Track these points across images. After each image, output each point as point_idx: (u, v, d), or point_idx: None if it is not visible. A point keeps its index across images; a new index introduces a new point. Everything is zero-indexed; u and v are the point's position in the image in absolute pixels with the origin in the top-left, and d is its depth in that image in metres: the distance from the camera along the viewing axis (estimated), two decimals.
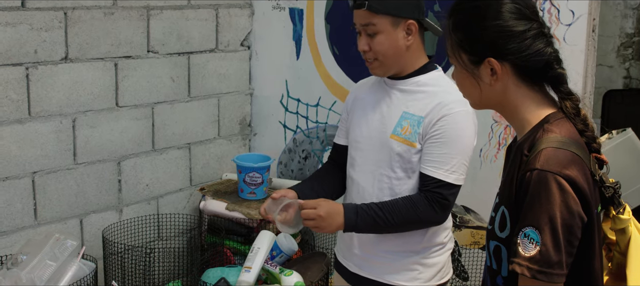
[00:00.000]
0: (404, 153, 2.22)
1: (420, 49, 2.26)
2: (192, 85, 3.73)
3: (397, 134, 2.23)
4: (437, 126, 2.16)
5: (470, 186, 3.30)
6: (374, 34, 2.20)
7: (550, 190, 1.44)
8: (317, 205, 2.16)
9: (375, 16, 2.18)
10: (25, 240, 3.02)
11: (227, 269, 3.16)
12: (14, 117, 3.00)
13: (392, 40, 2.19)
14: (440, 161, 2.16)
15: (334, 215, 2.15)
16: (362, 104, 2.37)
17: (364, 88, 2.42)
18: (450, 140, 2.15)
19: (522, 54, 1.55)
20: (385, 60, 2.23)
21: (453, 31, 1.62)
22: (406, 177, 2.24)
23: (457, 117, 2.16)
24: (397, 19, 2.18)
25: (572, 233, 1.46)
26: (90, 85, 3.26)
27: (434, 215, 2.18)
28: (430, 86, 2.23)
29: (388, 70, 2.27)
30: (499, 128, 3.19)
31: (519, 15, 1.56)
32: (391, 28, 2.18)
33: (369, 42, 2.22)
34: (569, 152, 1.49)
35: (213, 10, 3.77)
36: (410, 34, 2.20)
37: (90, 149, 3.30)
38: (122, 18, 3.33)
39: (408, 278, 2.29)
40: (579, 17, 2.90)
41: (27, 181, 3.08)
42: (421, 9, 2.23)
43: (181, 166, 3.75)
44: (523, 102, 1.61)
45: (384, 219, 2.16)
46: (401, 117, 2.23)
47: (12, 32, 2.94)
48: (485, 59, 1.57)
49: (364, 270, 2.35)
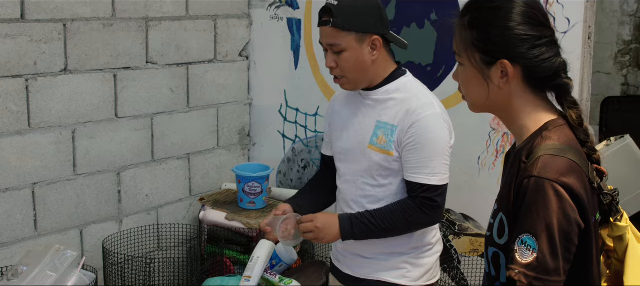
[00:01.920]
0: (383, 162, 2.28)
1: (387, 60, 2.31)
2: (191, 96, 3.74)
3: (373, 144, 2.28)
4: (410, 133, 2.21)
5: (468, 194, 3.31)
6: (340, 51, 2.24)
7: (548, 197, 1.45)
8: (314, 218, 2.27)
9: (340, 33, 2.22)
10: (25, 251, 3.03)
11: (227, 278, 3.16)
12: (14, 128, 3.01)
13: (358, 56, 2.24)
14: (420, 166, 2.21)
15: (330, 226, 2.26)
16: (340, 117, 2.43)
17: (340, 101, 2.47)
18: (425, 144, 2.20)
19: (536, 59, 1.55)
20: (352, 76, 2.28)
21: (468, 29, 1.60)
22: (387, 183, 2.30)
23: (427, 121, 2.20)
24: (362, 35, 2.23)
25: (569, 240, 1.46)
26: (90, 97, 3.27)
27: (425, 217, 2.25)
28: (400, 93, 2.28)
29: (357, 85, 2.32)
30: (497, 136, 3.20)
31: (536, 21, 1.57)
32: (356, 44, 2.23)
33: (335, 59, 2.26)
34: (566, 159, 1.49)
35: (211, 21, 3.79)
36: (375, 49, 2.25)
37: (90, 160, 3.31)
38: (121, 29, 3.35)
39: (397, 275, 2.34)
40: (575, 24, 2.92)
41: (27, 192, 3.09)
42: (385, 23, 2.28)
43: (181, 176, 3.76)
44: (525, 108, 1.61)
45: (377, 226, 2.24)
46: (376, 127, 2.29)
47: (12, 44, 2.96)
48: (498, 60, 1.57)
49: (354, 269, 2.40)
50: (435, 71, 3.36)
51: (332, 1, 2.23)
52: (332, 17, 2.21)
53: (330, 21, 2.22)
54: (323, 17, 2.24)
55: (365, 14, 2.23)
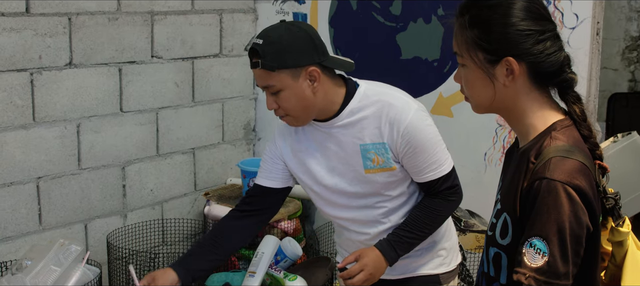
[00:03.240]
0: (388, 178, 2.20)
1: (334, 84, 2.16)
2: (196, 90, 3.73)
3: (370, 168, 2.18)
4: (404, 143, 2.12)
5: (474, 190, 3.30)
6: (277, 91, 2.09)
7: (560, 200, 1.42)
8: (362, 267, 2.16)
9: (271, 74, 2.06)
10: (29, 246, 3.03)
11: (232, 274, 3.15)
12: (19, 122, 3.01)
13: (297, 92, 2.08)
14: (427, 165, 2.16)
15: (376, 260, 2.17)
16: (303, 154, 2.27)
17: (292, 137, 2.30)
18: (422, 146, 2.13)
19: (541, 54, 1.52)
20: (297, 113, 2.14)
21: (469, 28, 1.56)
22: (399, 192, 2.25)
23: (414, 123, 2.11)
24: (296, 71, 2.06)
25: (579, 244, 1.44)
26: (95, 91, 3.26)
27: (453, 203, 2.26)
28: (368, 108, 2.15)
29: (306, 120, 2.18)
30: (503, 132, 3.18)
31: (538, 15, 1.54)
32: (292, 81, 2.07)
33: (275, 100, 2.11)
34: (577, 161, 1.47)
35: (217, 15, 3.78)
36: (314, 81, 2.09)
37: (94, 154, 3.30)
38: (126, 23, 3.34)
39: (435, 265, 2.33)
40: (583, 20, 2.90)
41: (31, 186, 3.09)
42: (319, 50, 2.10)
43: (185, 171, 3.75)
44: (531, 107, 1.58)
45: (417, 236, 2.21)
46: (362, 151, 2.17)
47: (17, 38, 2.95)
48: (503, 58, 1.54)
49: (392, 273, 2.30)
50: (442, 66, 3.35)
51: (257, 40, 2.08)
52: (260, 58, 2.04)
53: (258, 63, 2.05)
54: (252, 59, 2.07)
55: (294, 48, 2.06)
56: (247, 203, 2.38)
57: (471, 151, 3.30)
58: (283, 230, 3.47)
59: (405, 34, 3.45)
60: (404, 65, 3.46)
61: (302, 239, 3.60)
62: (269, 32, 2.10)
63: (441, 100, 3.37)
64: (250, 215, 2.37)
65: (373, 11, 3.52)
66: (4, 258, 3.01)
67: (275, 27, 2.13)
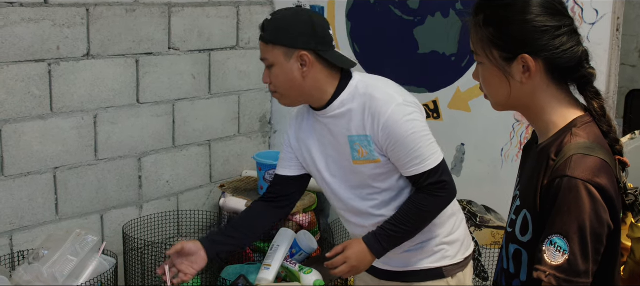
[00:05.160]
0: (374, 170, 2.23)
1: (328, 75, 2.22)
2: (213, 82, 3.74)
3: (357, 159, 2.24)
4: (385, 136, 2.15)
5: (491, 186, 3.29)
6: (270, 66, 2.21)
7: (581, 198, 1.41)
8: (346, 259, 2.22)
9: (267, 48, 2.20)
10: (46, 235, 3.05)
11: (247, 266, 3.16)
12: (36, 112, 3.02)
13: (286, 72, 2.19)
14: (410, 159, 2.17)
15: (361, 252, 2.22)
16: (308, 142, 2.36)
17: (299, 125, 2.40)
18: (403, 139, 2.14)
19: (557, 50, 1.51)
20: (284, 92, 2.24)
21: (484, 27, 1.56)
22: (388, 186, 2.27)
23: (394, 116, 2.14)
24: (289, 51, 2.17)
25: (600, 242, 1.43)
26: (112, 82, 3.27)
27: (441, 199, 2.23)
28: (356, 100, 2.21)
29: (293, 102, 2.29)
30: (521, 128, 3.16)
31: (554, 11, 1.53)
32: (284, 60, 2.18)
33: (269, 75, 2.23)
34: (598, 158, 1.46)
35: (234, 7, 3.77)
36: (305, 65, 2.17)
37: (111, 145, 3.32)
38: (143, 15, 3.35)
39: (436, 259, 2.33)
40: (603, 16, 2.87)
41: (48, 176, 3.10)
42: (319, 39, 2.19)
43: (201, 163, 3.76)
44: (550, 103, 1.56)
45: (402, 230, 2.22)
46: (350, 142, 2.23)
47: (35, 29, 2.96)
48: (518, 56, 1.53)
49: (392, 264, 2.37)
50: (460, 61, 3.33)
51: (269, 16, 2.23)
52: (263, 31, 2.21)
53: (261, 35, 2.21)
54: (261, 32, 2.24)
55: (294, 29, 2.18)
56: (270, 192, 2.48)
57: (488, 146, 3.29)
58: (298, 223, 3.47)
59: (422, 28, 3.43)
60: (422, 60, 3.45)
61: (317, 232, 3.61)
62: (279, 11, 2.28)
63: (459, 95, 3.36)
64: (274, 202, 2.46)
65: (390, 5, 3.51)
66: (21, 247, 3.03)
67: (287, 8, 2.30)
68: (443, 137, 3.36)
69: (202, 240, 2.35)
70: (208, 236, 2.42)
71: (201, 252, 2.32)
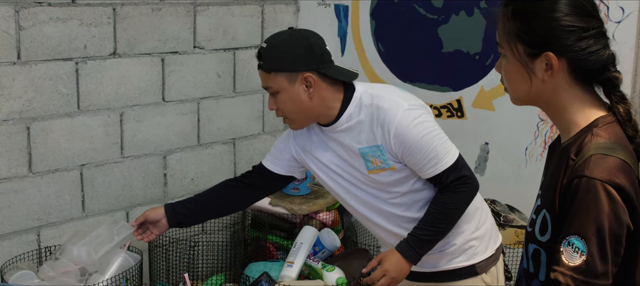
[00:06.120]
0: (390, 177, 2.25)
1: (333, 91, 2.24)
2: (238, 81, 3.76)
3: (372, 169, 2.25)
4: (397, 143, 2.16)
5: (514, 184, 3.27)
6: (275, 93, 2.23)
7: (599, 199, 1.40)
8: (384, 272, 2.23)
9: (269, 76, 2.21)
10: (73, 231, 3.09)
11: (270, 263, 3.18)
12: (64, 110, 3.06)
13: (293, 96, 2.21)
14: (427, 161, 2.18)
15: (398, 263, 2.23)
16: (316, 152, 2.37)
17: (308, 137, 2.40)
18: (416, 143, 2.15)
19: (582, 52, 1.49)
20: (294, 116, 2.27)
21: (511, 19, 1.55)
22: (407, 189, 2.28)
23: (402, 122, 2.15)
24: (292, 75, 2.19)
25: (618, 243, 1.42)
26: (138, 80, 3.31)
27: (465, 194, 2.23)
28: (362, 112, 2.22)
29: (304, 123, 2.31)
30: (545, 127, 3.15)
31: (583, 12, 1.51)
32: (288, 85, 2.20)
33: (275, 102, 2.26)
34: (618, 159, 1.44)
35: (259, 6, 3.79)
36: (310, 87, 2.20)
37: (136, 143, 3.35)
38: (169, 14, 3.38)
39: (467, 257, 2.33)
40: (629, 14, 2.85)
41: (75, 173, 3.14)
42: (319, 58, 2.21)
43: (226, 161, 3.78)
44: (572, 103, 1.55)
45: (434, 232, 2.22)
46: (362, 155, 2.24)
47: (63, 28, 3.00)
48: (542, 53, 1.52)
49: (427, 266, 2.37)
50: (484, 60, 3.32)
51: (263, 44, 2.24)
52: (261, 60, 2.22)
53: (260, 65, 2.23)
54: (258, 61, 2.25)
55: (292, 53, 2.19)
56: (246, 176, 2.54)
57: (512, 145, 3.27)
58: (321, 221, 3.48)
59: (446, 26, 3.42)
60: (446, 58, 3.44)
61: (340, 230, 3.61)
62: (273, 38, 2.27)
63: (482, 94, 3.35)
64: (244, 188, 2.52)
65: (415, 3, 3.50)
66: (48, 243, 3.08)
67: (280, 33, 2.29)
68: (467, 135, 3.36)
69: (166, 208, 2.50)
70: (173, 206, 2.53)
71: (163, 220, 2.50)
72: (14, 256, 2.93)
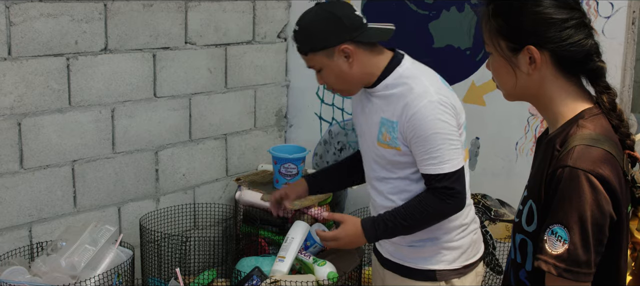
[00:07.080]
0: (392, 157, 2.28)
1: (373, 57, 2.28)
2: (229, 77, 3.76)
3: (381, 141, 2.29)
4: (410, 127, 2.19)
5: (505, 179, 3.29)
6: (319, 70, 2.30)
7: (582, 188, 1.42)
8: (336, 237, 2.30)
9: (308, 57, 2.28)
10: (64, 227, 3.09)
11: (262, 258, 3.19)
12: (55, 106, 3.06)
13: (335, 70, 2.26)
14: (428, 157, 2.19)
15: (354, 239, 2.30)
16: (356, 114, 2.46)
17: (356, 97, 2.47)
18: (426, 135, 2.17)
19: (563, 43, 1.52)
20: (341, 87, 2.34)
21: (492, 17, 1.59)
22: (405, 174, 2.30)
23: (423, 111, 2.16)
24: (329, 51, 2.23)
25: (601, 232, 1.44)
26: (129, 76, 3.31)
27: (447, 206, 2.24)
28: (398, 87, 2.25)
29: (351, 91, 2.38)
30: (535, 122, 3.16)
31: (561, 3, 1.54)
32: (328, 60, 2.25)
33: (321, 78, 2.32)
34: (602, 150, 1.46)
35: (250, 2, 3.80)
36: (349, 57, 2.24)
37: (128, 139, 3.35)
38: (160, 10, 3.38)
39: (433, 261, 2.35)
40: (618, 9, 2.86)
41: (67, 169, 3.14)
42: (350, 27, 2.23)
43: (217, 156, 3.79)
44: (559, 95, 1.57)
45: (399, 224, 2.25)
46: (380, 124, 2.28)
47: (54, 23, 3.00)
48: (524, 47, 1.54)
49: (395, 256, 2.42)
50: (474, 55, 3.34)
51: (295, 27, 2.28)
52: (297, 44, 2.29)
53: (298, 48, 2.30)
54: (296, 44, 2.31)
55: (324, 30, 2.23)
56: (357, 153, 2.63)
57: (503, 140, 3.29)
58: (313, 216, 3.49)
59: (437, 22, 3.43)
60: (437, 54, 3.45)
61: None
62: (302, 18, 2.30)
63: (473, 89, 3.36)
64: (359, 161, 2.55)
65: None
66: (39, 238, 3.08)
67: (307, 12, 2.31)
68: None
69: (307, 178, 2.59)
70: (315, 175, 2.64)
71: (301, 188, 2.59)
72: (6, 252, 2.93)
